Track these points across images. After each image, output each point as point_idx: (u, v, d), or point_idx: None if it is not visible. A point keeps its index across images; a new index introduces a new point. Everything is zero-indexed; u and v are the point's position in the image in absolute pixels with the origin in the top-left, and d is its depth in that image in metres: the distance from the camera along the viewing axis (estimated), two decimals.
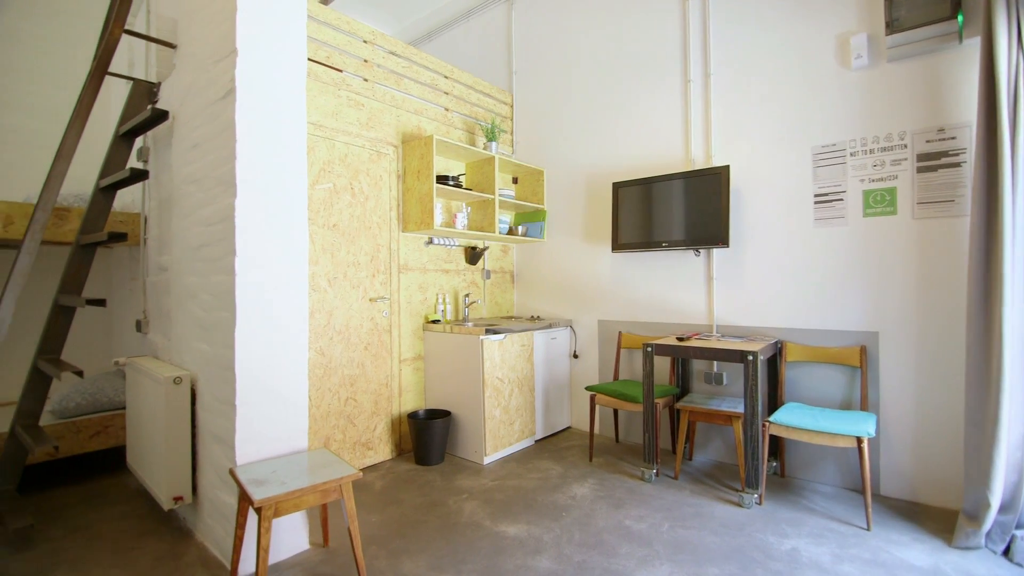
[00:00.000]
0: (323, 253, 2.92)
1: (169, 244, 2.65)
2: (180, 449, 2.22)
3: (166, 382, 2.19)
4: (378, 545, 2.19)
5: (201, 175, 2.27)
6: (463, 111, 3.87)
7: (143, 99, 2.83)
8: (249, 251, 2.03)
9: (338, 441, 2.95)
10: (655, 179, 3.30)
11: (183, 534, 2.30)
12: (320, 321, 2.89)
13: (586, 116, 3.83)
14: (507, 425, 3.29)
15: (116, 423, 2.92)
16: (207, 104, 2.24)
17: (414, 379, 3.43)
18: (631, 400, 3.00)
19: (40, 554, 2.13)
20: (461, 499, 2.65)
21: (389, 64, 3.36)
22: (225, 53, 2.11)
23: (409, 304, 3.40)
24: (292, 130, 2.20)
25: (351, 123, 3.09)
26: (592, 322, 3.79)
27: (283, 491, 1.73)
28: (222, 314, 2.07)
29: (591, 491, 2.74)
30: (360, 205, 3.12)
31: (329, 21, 3.04)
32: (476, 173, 3.75)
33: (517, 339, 3.38)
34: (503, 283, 4.17)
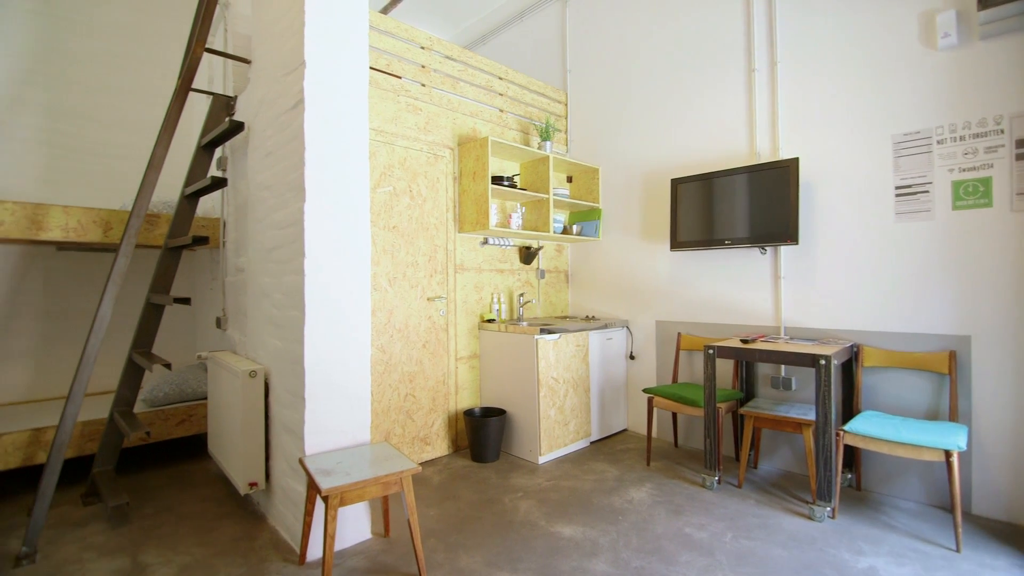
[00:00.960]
0: (384, 254, 3.03)
1: (245, 246, 2.83)
2: (255, 438, 2.38)
3: (243, 375, 2.35)
4: (436, 538, 2.24)
5: (273, 181, 2.41)
6: (517, 111, 3.89)
7: (221, 112, 3.05)
8: (317, 253, 2.14)
9: (398, 436, 3.05)
10: (717, 174, 3.17)
11: (257, 518, 2.45)
12: (381, 319, 3.00)
13: (643, 112, 3.75)
14: (562, 425, 3.27)
15: (199, 412, 3.16)
16: (278, 114, 2.38)
17: (470, 377, 3.48)
18: (691, 404, 2.91)
19: (134, 529, 2.34)
20: (516, 497, 2.66)
21: (445, 68, 3.43)
22: (294, 66, 2.23)
23: (465, 303, 3.46)
24: (355, 137, 2.29)
25: (409, 127, 3.18)
26: (649, 323, 3.70)
27: (348, 482, 1.81)
28: (292, 312, 2.20)
29: (649, 496, 2.67)
30: (418, 207, 3.21)
31: (389, 30, 3.15)
32: (530, 173, 3.76)
33: (572, 339, 3.36)
34: (557, 283, 4.16)
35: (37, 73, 3.53)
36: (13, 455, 2.60)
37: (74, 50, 3.67)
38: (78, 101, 3.67)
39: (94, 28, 3.75)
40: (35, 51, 3.52)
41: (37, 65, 3.53)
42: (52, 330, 3.52)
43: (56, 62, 3.60)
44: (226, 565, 2.03)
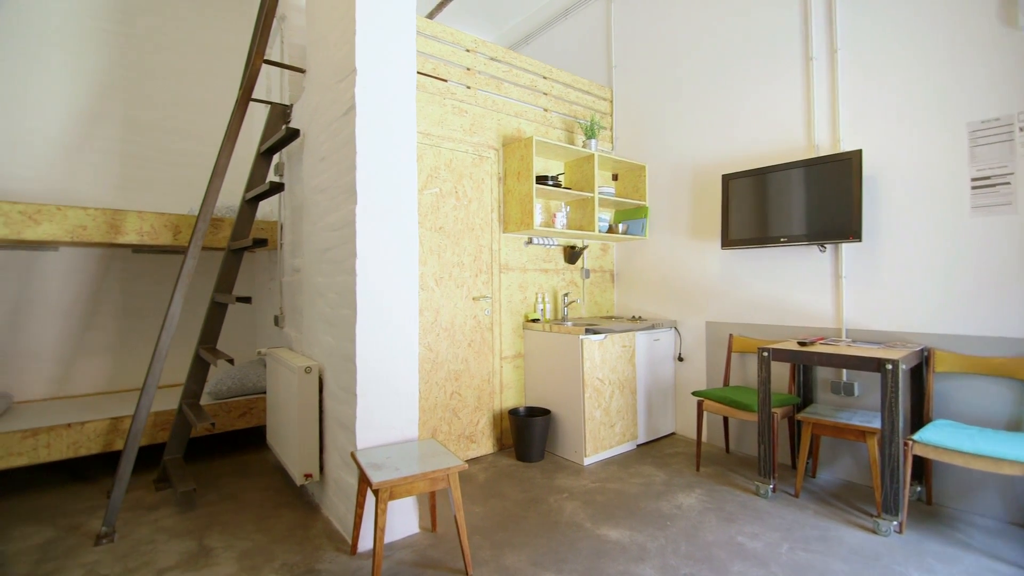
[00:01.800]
0: (430, 254, 3.08)
1: (301, 248, 2.96)
2: (310, 431, 2.48)
3: (298, 371, 2.46)
4: (481, 535, 2.26)
5: (327, 185, 2.51)
6: (562, 110, 3.87)
7: (279, 120, 3.20)
8: (368, 253, 2.21)
9: (444, 433, 3.10)
10: (771, 169, 3.05)
11: (312, 508, 2.56)
12: (428, 319, 3.06)
13: (692, 106, 3.64)
14: (607, 427, 3.23)
15: (258, 405, 3.33)
16: (331, 120, 2.47)
17: (514, 376, 3.50)
18: (744, 408, 2.80)
19: (199, 515, 2.49)
20: (561, 498, 2.65)
21: (490, 70, 3.46)
22: (346, 73, 2.31)
23: (510, 303, 3.48)
24: (404, 140, 2.35)
25: (455, 130, 3.23)
26: (699, 323, 3.59)
27: (397, 476, 1.86)
28: (345, 311, 2.28)
29: (698, 502, 2.60)
30: (464, 208, 3.25)
31: (435, 34, 3.20)
32: (575, 172, 3.74)
33: (618, 339, 3.31)
34: (603, 282, 4.11)
35: (115, 88, 3.81)
36: (95, 441, 2.82)
37: (147, 65, 3.94)
38: (150, 114, 3.95)
39: (164, 44, 4.02)
40: (113, 68, 3.81)
41: (115, 81, 3.82)
42: (128, 326, 3.80)
43: (131, 77, 3.88)
44: (283, 552, 2.13)
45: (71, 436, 2.76)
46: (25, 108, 3.47)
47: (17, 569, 2.01)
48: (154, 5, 3.97)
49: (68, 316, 3.59)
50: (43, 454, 2.68)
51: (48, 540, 2.24)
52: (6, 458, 2.58)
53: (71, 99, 3.64)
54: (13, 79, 3.44)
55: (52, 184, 3.55)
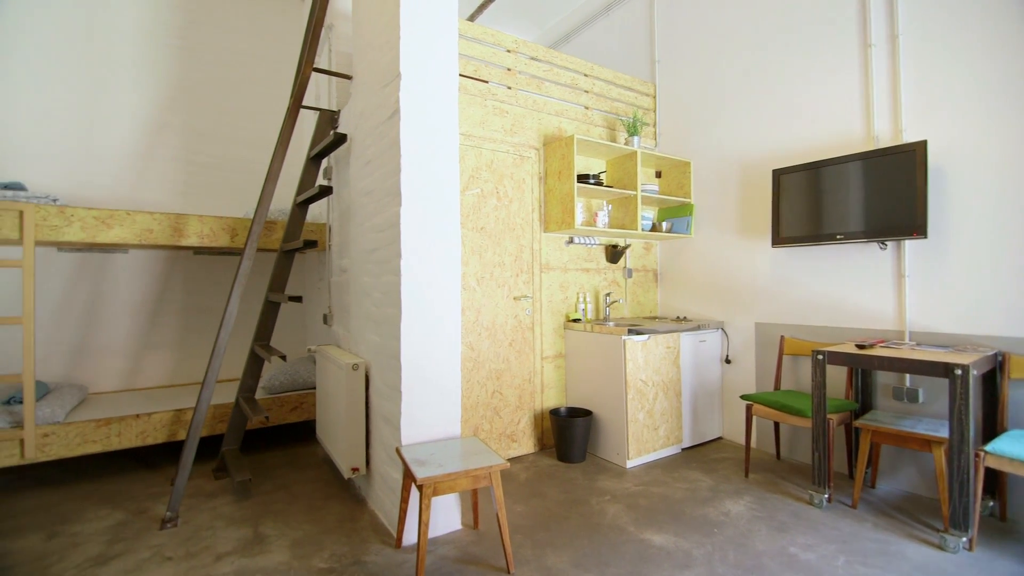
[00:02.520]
0: (472, 254, 3.12)
1: (348, 249, 3.05)
2: (356, 426, 2.55)
3: (346, 368, 2.54)
4: (523, 534, 2.27)
5: (373, 187, 2.58)
6: (603, 108, 3.83)
7: (327, 125, 3.31)
8: (412, 254, 2.25)
9: (485, 431, 3.13)
10: (826, 163, 2.91)
11: (358, 501, 2.63)
12: (469, 318, 3.09)
13: (739, 99, 3.52)
14: (651, 430, 3.17)
15: (308, 400, 3.46)
16: (376, 125, 2.54)
17: (555, 376, 3.48)
18: (797, 413, 2.69)
19: (254, 503, 2.61)
20: (604, 500, 2.62)
21: (531, 69, 3.46)
22: (391, 78, 2.36)
23: (550, 303, 3.47)
24: (446, 143, 2.38)
25: (496, 130, 3.25)
26: (748, 324, 3.47)
27: (441, 473, 1.89)
28: (390, 310, 2.33)
29: (747, 509, 2.51)
30: (505, 208, 3.27)
31: (476, 36, 3.23)
32: (617, 170, 3.68)
33: (662, 340, 3.24)
34: (646, 282, 4.03)
35: (177, 100, 4.05)
36: (160, 431, 3.01)
37: (206, 78, 4.17)
38: (209, 123, 4.17)
39: (221, 57, 4.24)
40: (175, 81, 4.05)
41: (177, 93, 4.05)
42: (190, 323, 4.03)
43: (192, 89, 4.11)
44: (332, 543, 2.20)
45: (139, 426, 2.95)
46: (100, 122, 3.74)
47: (92, 549, 2.17)
48: (212, 20, 4.19)
49: (136, 314, 3.85)
50: (115, 442, 2.88)
51: (119, 522, 2.40)
52: (83, 445, 2.80)
53: (139, 112, 3.89)
54: (90, 96, 3.71)
55: (122, 191, 3.81)
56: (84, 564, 2.04)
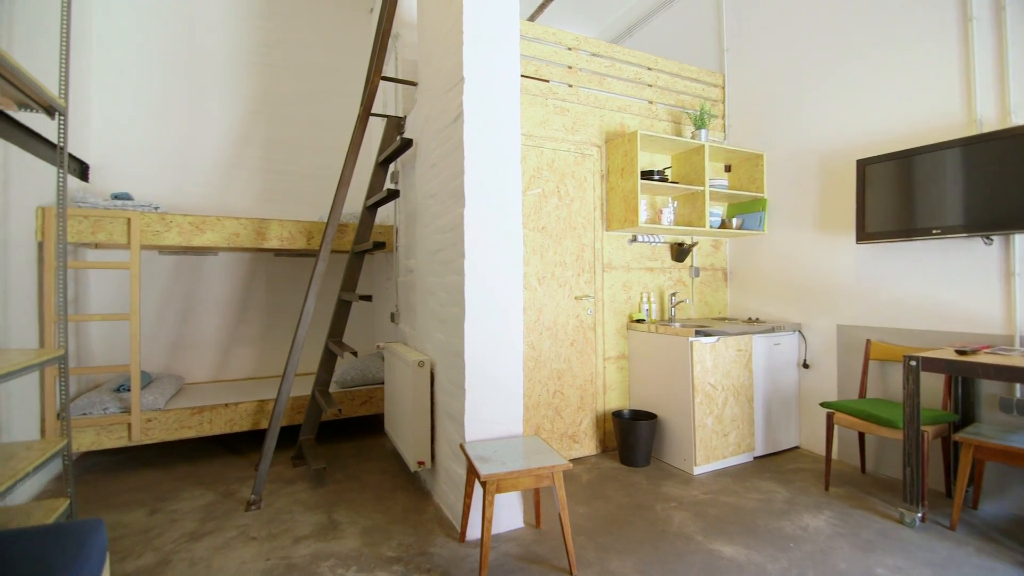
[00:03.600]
0: (533, 254, 3.12)
1: (414, 250, 3.16)
2: (422, 421, 2.64)
3: (412, 365, 2.62)
4: (586, 536, 2.25)
5: (437, 190, 2.65)
6: (668, 101, 3.71)
7: (394, 131, 3.44)
8: (475, 254, 2.29)
9: (547, 431, 3.12)
10: (919, 150, 2.66)
11: (424, 494, 2.71)
12: (531, 317, 3.10)
13: (817, 86, 3.29)
14: (720, 436, 3.04)
15: (377, 395, 3.62)
16: (441, 128, 2.60)
17: (618, 378, 3.42)
18: (885, 424, 2.48)
19: (328, 491, 2.76)
20: (669, 507, 2.54)
21: (592, 66, 3.42)
22: (454, 82, 2.42)
23: (613, 303, 3.41)
24: (509, 144, 2.40)
25: (557, 129, 3.24)
26: (828, 327, 3.24)
27: (504, 470, 1.91)
28: (454, 309, 2.39)
29: (828, 525, 2.35)
30: (566, 207, 3.25)
31: (537, 36, 3.24)
32: (683, 165, 3.56)
33: (732, 343, 3.09)
34: (714, 281, 3.87)
35: (259, 114, 4.36)
36: (245, 420, 3.25)
37: (284, 92, 4.45)
38: (287, 133, 4.45)
39: (298, 71, 4.51)
40: (257, 95, 4.36)
41: (259, 107, 4.36)
42: (271, 321, 4.33)
43: (272, 103, 4.41)
44: (400, 533, 2.29)
45: (228, 414, 3.20)
46: (193, 137, 4.10)
47: (188, 525, 2.38)
48: (288, 37, 4.47)
49: (225, 311, 4.18)
50: (207, 428, 3.15)
51: (210, 502, 2.62)
52: (180, 430, 3.08)
53: (226, 126, 4.23)
54: (185, 113, 4.07)
55: (212, 199, 4.15)
56: (180, 539, 2.25)
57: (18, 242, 2.56)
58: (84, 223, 2.85)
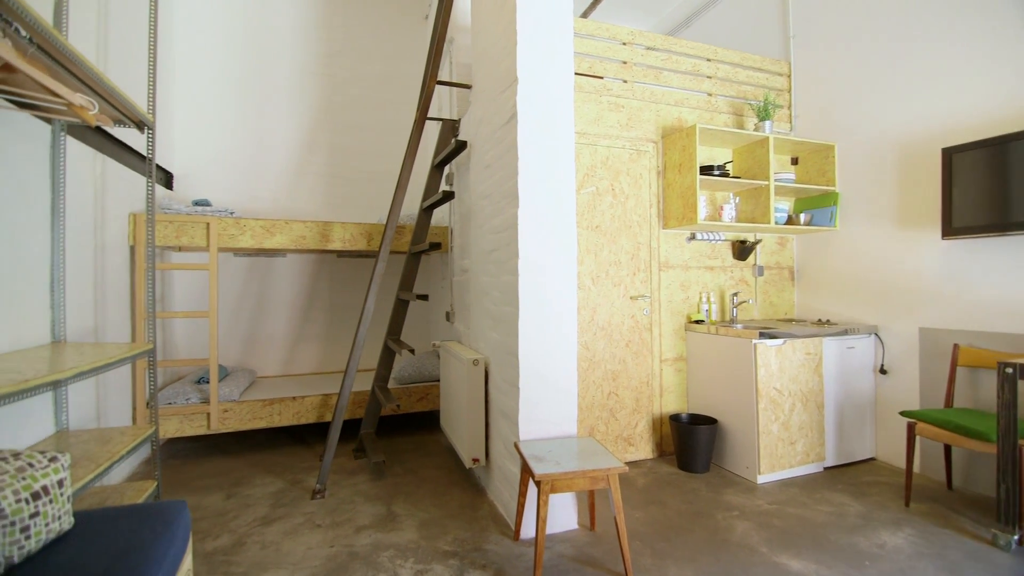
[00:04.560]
0: (587, 253, 3.09)
1: (468, 250, 3.21)
2: (477, 419, 2.67)
3: (467, 363, 2.67)
4: (642, 541, 2.20)
5: (491, 191, 2.67)
6: (728, 93, 3.56)
7: (449, 134, 3.50)
8: (529, 254, 2.30)
9: (601, 432, 3.08)
10: (1016, 136, 2.40)
11: (478, 490, 2.75)
12: (585, 317, 3.07)
13: (895, 70, 3.05)
14: (787, 444, 2.88)
15: (433, 391, 3.70)
16: (495, 130, 2.63)
17: (676, 380, 3.32)
18: (975, 436, 2.26)
19: (387, 483, 2.85)
20: (731, 516, 2.44)
21: (647, 60, 3.34)
22: (508, 83, 2.43)
23: (670, 303, 3.31)
24: (563, 143, 2.39)
25: (611, 126, 3.18)
26: (909, 330, 3.00)
27: (558, 471, 1.90)
28: (508, 308, 2.40)
29: (908, 543, 2.17)
30: (620, 205, 3.19)
31: (590, 32, 3.20)
32: (746, 158, 3.40)
33: (800, 346, 2.93)
34: (779, 280, 3.67)
35: (322, 121, 4.57)
36: (311, 412, 3.42)
37: (345, 99, 4.65)
38: (348, 139, 4.65)
39: (358, 80, 4.69)
40: (320, 104, 4.57)
41: (322, 115, 4.57)
42: (334, 318, 4.54)
43: (334, 111, 4.61)
44: (455, 527, 2.33)
45: (295, 407, 3.39)
46: (262, 145, 4.36)
47: (260, 510, 2.53)
48: (348, 48, 4.66)
49: (292, 309, 4.42)
50: (276, 420, 3.34)
51: (279, 490, 2.78)
52: (252, 420, 3.28)
53: (292, 134, 4.47)
54: (256, 124, 4.34)
55: (280, 203, 4.39)
56: (253, 523, 2.40)
57: (113, 246, 2.82)
58: (169, 228, 3.10)
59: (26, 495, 1.07)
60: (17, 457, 1.12)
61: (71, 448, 1.92)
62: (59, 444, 1.98)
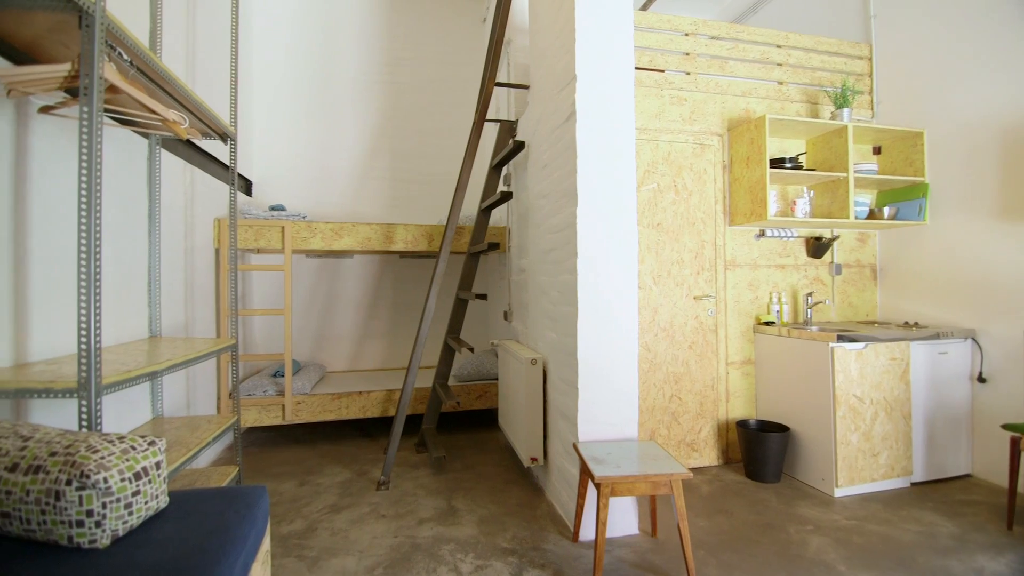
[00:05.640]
0: (648, 252, 3.01)
1: (526, 250, 3.22)
2: (535, 418, 2.68)
3: (525, 362, 2.67)
4: (706, 551, 2.12)
5: (549, 190, 2.67)
6: (801, 80, 3.35)
7: (507, 135, 3.53)
8: (588, 253, 2.27)
9: (663, 436, 3.00)
10: None
11: (536, 490, 2.76)
12: (645, 318, 2.99)
13: (993, 47, 2.75)
14: (868, 456, 2.68)
15: (491, 390, 3.75)
16: (552, 129, 2.62)
17: (743, 384, 3.17)
18: None
19: (447, 478, 2.92)
20: (804, 530, 2.30)
21: (711, 50, 3.21)
22: (566, 81, 2.41)
23: (737, 303, 3.17)
24: (622, 140, 2.34)
25: (673, 120, 3.08)
26: (1013, 334, 2.70)
27: (618, 474, 1.87)
28: (566, 308, 2.39)
29: (1010, 571, 1.96)
30: (683, 202, 3.09)
31: (651, 25, 3.11)
32: (822, 149, 3.19)
33: (884, 350, 2.71)
34: (860, 279, 3.41)
35: (385, 127, 4.74)
36: (375, 407, 3.56)
37: (406, 105, 4.80)
38: (409, 144, 4.79)
39: (418, 85, 4.83)
40: (384, 111, 4.75)
41: (385, 121, 4.74)
42: (397, 317, 4.70)
43: (396, 117, 4.77)
44: (514, 525, 2.35)
45: (361, 401, 3.54)
46: (330, 152, 4.59)
47: (329, 498, 2.66)
48: (409, 55, 4.81)
49: (358, 307, 4.62)
50: (344, 412, 3.50)
51: (347, 480, 2.91)
52: (322, 413, 3.46)
53: (357, 140, 4.67)
54: (325, 132, 4.57)
55: (346, 207, 4.60)
56: (324, 510, 2.53)
57: (201, 249, 3.06)
58: (249, 231, 3.33)
59: (129, 475, 1.19)
60: (122, 440, 1.24)
61: (165, 433, 2.11)
62: (155, 429, 2.18)
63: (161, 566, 1.08)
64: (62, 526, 1.11)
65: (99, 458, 1.15)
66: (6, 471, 1.13)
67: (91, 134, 1.35)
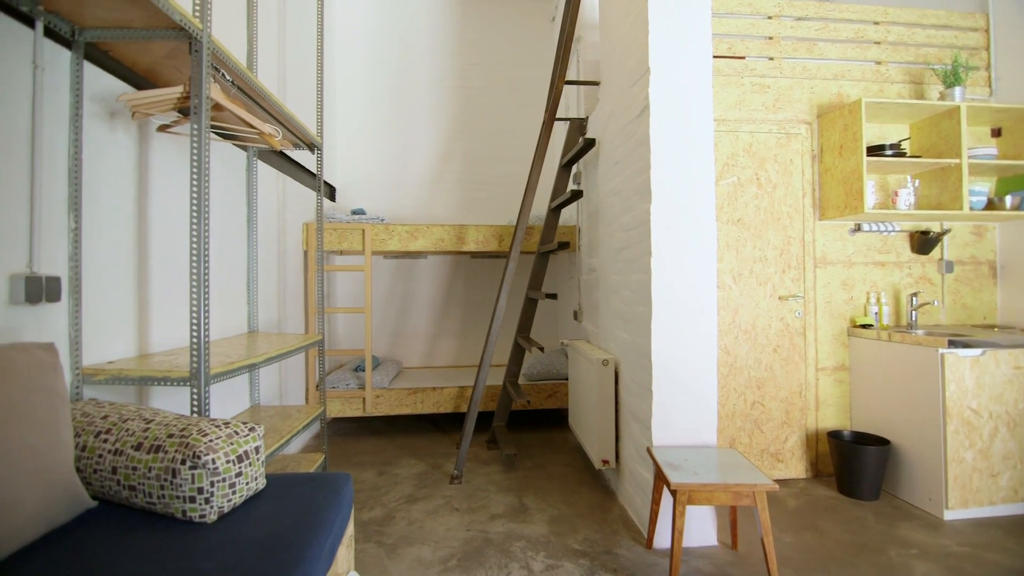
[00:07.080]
0: (727, 249, 2.87)
1: (597, 249, 3.17)
2: (606, 420, 2.63)
3: (596, 363, 2.64)
4: (792, 569, 1.98)
5: (621, 187, 2.61)
6: (904, 59, 3.04)
7: (576, 133, 3.50)
8: (662, 251, 2.20)
9: (744, 445, 2.84)
10: None
11: (607, 493, 2.71)
12: (725, 319, 2.85)
13: None
14: (985, 475, 2.38)
15: (561, 390, 3.74)
16: (624, 124, 2.56)
17: (835, 392, 2.93)
18: None
19: (518, 477, 2.94)
20: (908, 554, 2.09)
21: (798, 32, 2.99)
22: (639, 75, 2.35)
23: (828, 304, 2.93)
24: (700, 133, 2.24)
25: (755, 109, 2.91)
26: None
27: (696, 481, 1.80)
28: (639, 308, 2.33)
29: None
30: (767, 195, 2.90)
31: (730, 10, 2.95)
32: (928, 133, 2.88)
33: (1007, 358, 2.40)
34: (975, 278, 3.04)
35: (457, 131, 4.86)
36: (448, 403, 3.66)
37: (477, 109, 4.89)
38: (481, 146, 4.88)
39: (488, 88, 4.90)
40: (455, 115, 4.87)
41: (457, 125, 4.86)
42: (469, 315, 4.81)
43: (467, 120, 4.88)
44: (585, 527, 2.32)
45: (435, 397, 3.65)
46: (406, 157, 4.78)
47: (406, 489, 2.78)
48: (479, 59, 4.89)
49: (432, 306, 4.78)
50: (419, 407, 3.64)
51: (422, 472, 3.02)
52: (399, 407, 3.61)
53: (431, 145, 4.82)
54: (400, 138, 4.77)
55: (421, 209, 4.77)
56: (400, 499, 2.64)
57: (292, 251, 3.30)
58: (333, 235, 3.55)
59: (233, 457, 1.31)
60: (227, 425, 1.37)
61: (262, 420, 2.29)
62: (253, 417, 2.38)
63: (262, 542, 1.17)
64: (177, 501, 1.24)
65: (208, 441, 1.28)
66: (133, 449, 1.28)
67: (200, 148, 1.50)
